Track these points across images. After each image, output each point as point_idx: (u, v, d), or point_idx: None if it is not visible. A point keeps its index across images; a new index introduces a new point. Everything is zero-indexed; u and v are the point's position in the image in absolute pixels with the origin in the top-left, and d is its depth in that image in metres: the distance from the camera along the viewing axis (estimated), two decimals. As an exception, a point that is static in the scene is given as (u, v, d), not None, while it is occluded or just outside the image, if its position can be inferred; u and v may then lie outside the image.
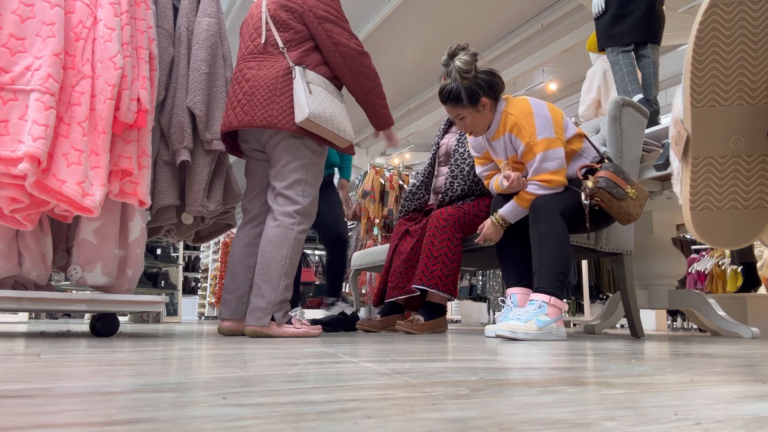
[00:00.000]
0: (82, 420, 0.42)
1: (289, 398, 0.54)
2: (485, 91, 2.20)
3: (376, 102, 2.20)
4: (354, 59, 2.12)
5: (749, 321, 3.34)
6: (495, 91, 2.23)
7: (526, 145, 2.14)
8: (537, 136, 2.13)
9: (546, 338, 1.92)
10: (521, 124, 2.16)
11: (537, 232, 2.10)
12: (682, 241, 6.17)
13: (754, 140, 1.83)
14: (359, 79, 2.14)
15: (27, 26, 1.59)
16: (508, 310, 2.16)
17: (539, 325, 1.91)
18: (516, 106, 2.21)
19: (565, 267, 2.04)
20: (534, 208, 2.15)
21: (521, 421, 0.44)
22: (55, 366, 0.82)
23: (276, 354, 1.14)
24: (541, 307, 1.96)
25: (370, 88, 2.16)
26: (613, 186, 2.08)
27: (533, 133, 2.14)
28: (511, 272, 2.28)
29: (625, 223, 2.17)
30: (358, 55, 2.12)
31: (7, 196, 1.56)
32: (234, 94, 2.11)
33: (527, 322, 1.91)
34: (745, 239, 1.91)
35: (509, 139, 2.22)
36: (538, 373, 0.80)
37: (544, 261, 2.04)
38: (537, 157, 2.13)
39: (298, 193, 2.07)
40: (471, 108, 2.21)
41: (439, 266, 2.55)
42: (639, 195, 2.14)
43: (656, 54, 3.26)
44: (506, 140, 2.24)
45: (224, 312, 2.18)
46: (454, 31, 7.78)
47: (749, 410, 0.52)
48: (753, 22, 1.72)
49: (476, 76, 2.19)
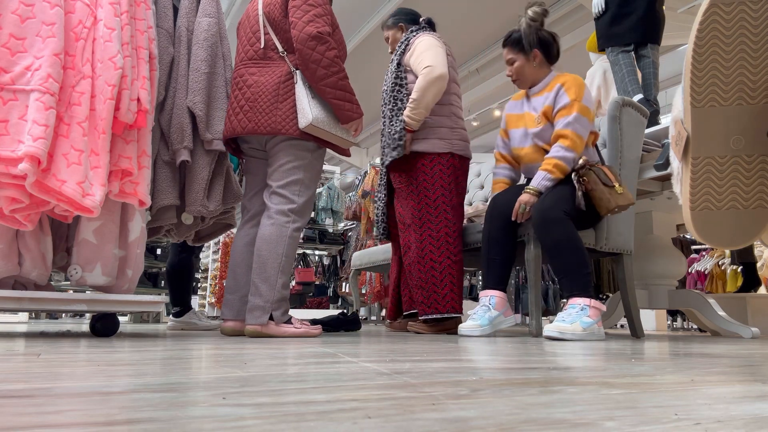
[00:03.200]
0: (82, 420, 0.42)
1: (289, 398, 0.54)
2: (541, 45, 2.42)
3: (333, 93, 2.00)
4: (303, 43, 1.95)
5: (749, 321, 3.34)
6: (549, 50, 2.44)
7: (572, 100, 2.30)
8: (583, 99, 2.31)
9: (589, 338, 2.00)
10: (576, 84, 2.34)
11: (551, 239, 2.14)
12: (682, 241, 6.17)
13: (754, 140, 1.83)
14: (309, 66, 1.97)
15: (27, 26, 1.59)
16: (485, 310, 2.23)
17: (583, 326, 1.99)
18: (573, 76, 2.40)
19: (589, 267, 2.13)
20: (540, 213, 2.17)
21: (521, 421, 0.44)
22: (55, 366, 0.82)
23: (276, 354, 1.14)
24: (584, 309, 2.04)
25: (321, 77, 1.98)
26: (603, 174, 2.20)
27: (581, 96, 2.32)
28: (496, 275, 2.33)
29: (603, 213, 2.21)
30: (309, 39, 1.95)
31: (7, 196, 1.56)
32: (236, 100, 2.11)
33: (572, 324, 1.98)
34: (745, 239, 1.91)
35: (556, 92, 2.36)
36: (538, 373, 0.80)
37: (570, 266, 2.11)
38: (573, 114, 2.28)
39: (293, 192, 2.08)
40: (523, 55, 2.43)
41: (432, 289, 2.56)
42: (625, 195, 2.19)
43: (656, 54, 3.25)
44: (551, 95, 2.38)
45: (227, 312, 2.17)
46: (453, 31, 7.77)
47: (749, 410, 0.52)
48: (753, 22, 1.72)
49: (539, 30, 2.42)
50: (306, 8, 2.01)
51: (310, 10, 2.01)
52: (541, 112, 2.38)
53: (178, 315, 3.08)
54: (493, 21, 7.50)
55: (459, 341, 1.81)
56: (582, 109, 2.29)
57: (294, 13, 2.02)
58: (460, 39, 7.97)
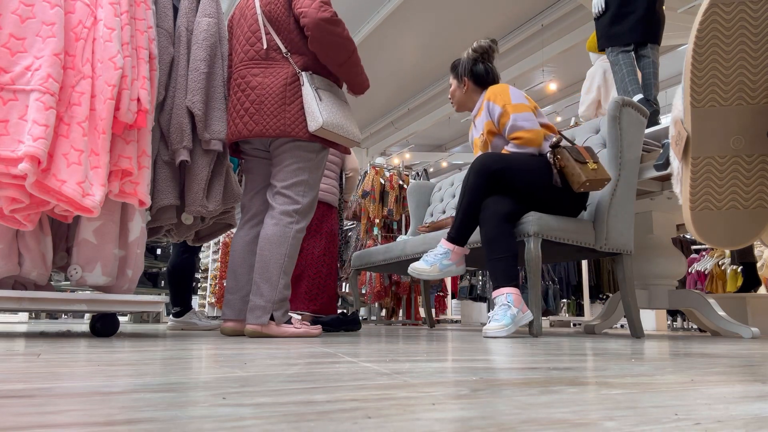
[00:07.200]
0: (82, 420, 0.42)
1: (289, 398, 0.54)
2: (472, 75, 2.57)
3: (351, 70, 2.10)
4: (320, 29, 1.97)
5: (749, 321, 3.34)
6: (479, 79, 2.57)
7: (502, 107, 2.37)
8: (512, 101, 2.39)
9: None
10: (497, 93, 2.43)
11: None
12: (682, 241, 6.17)
13: (754, 140, 1.83)
14: (329, 52, 2.02)
15: (27, 26, 1.59)
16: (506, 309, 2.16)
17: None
18: (493, 87, 2.49)
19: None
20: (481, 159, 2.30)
21: (521, 421, 0.44)
22: (55, 366, 0.82)
23: (276, 354, 1.14)
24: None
25: (343, 59, 2.05)
26: (576, 152, 2.26)
27: (508, 99, 2.39)
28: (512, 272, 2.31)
29: (576, 188, 2.24)
30: (324, 23, 1.96)
31: (7, 196, 1.56)
32: (239, 102, 2.10)
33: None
34: (745, 239, 1.91)
35: (487, 107, 2.45)
36: (538, 373, 0.80)
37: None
38: (511, 117, 2.34)
39: (298, 192, 2.08)
40: (457, 81, 2.63)
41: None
42: (599, 172, 2.24)
43: (656, 54, 3.25)
44: (485, 112, 2.48)
45: (228, 312, 2.17)
46: (453, 31, 7.77)
47: (749, 410, 0.52)
48: (753, 22, 1.72)
49: (476, 62, 2.57)
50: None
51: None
52: (485, 131, 2.48)
53: (178, 315, 3.08)
54: (493, 21, 7.50)
55: (459, 341, 1.81)
56: (516, 108, 2.35)
57: (302, 3, 2.01)
58: (459, 39, 7.97)
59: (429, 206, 4.22)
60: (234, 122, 2.11)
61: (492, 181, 2.26)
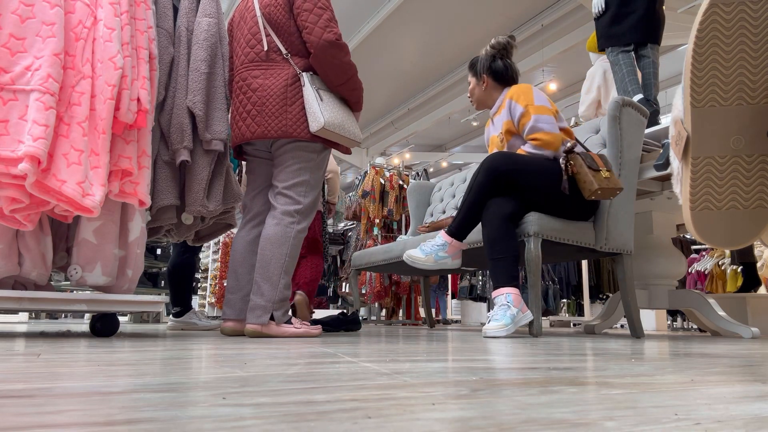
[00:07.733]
0: (82, 420, 0.42)
1: (289, 398, 0.54)
2: (491, 72, 2.54)
3: (347, 93, 2.11)
4: (323, 51, 2.00)
5: (749, 321, 3.34)
6: (500, 76, 2.54)
7: (525, 107, 2.36)
8: (534, 102, 2.37)
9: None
10: (521, 92, 2.41)
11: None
12: (682, 241, 6.17)
13: (754, 140, 1.83)
14: (329, 73, 2.04)
15: (27, 26, 1.59)
16: (506, 309, 2.15)
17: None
18: (518, 86, 2.47)
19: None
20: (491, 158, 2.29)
21: (521, 421, 0.44)
22: (55, 366, 0.82)
23: (276, 354, 1.14)
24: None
25: (341, 81, 2.07)
26: (590, 159, 2.24)
27: (531, 100, 2.38)
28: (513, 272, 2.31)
29: (587, 196, 2.23)
30: (328, 47, 1.99)
31: (7, 196, 1.56)
32: (241, 105, 2.10)
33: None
34: (745, 239, 1.91)
35: (509, 106, 2.43)
36: (538, 373, 0.80)
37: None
38: (532, 117, 2.33)
39: (299, 193, 2.08)
40: (475, 78, 2.60)
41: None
42: (611, 181, 2.22)
43: (656, 54, 3.25)
44: (506, 111, 2.45)
45: (228, 312, 2.17)
46: (453, 31, 7.77)
47: (749, 410, 0.52)
48: (753, 22, 1.72)
49: (494, 58, 2.55)
50: (318, 12, 2.01)
51: (322, 14, 2.01)
52: (504, 130, 2.46)
53: (178, 315, 3.08)
54: (493, 21, 7.50)
55: (459, 341, 1.81)
56: (538, 109, 2.34)
57: (307, 17, 2.01)
58: (459, 40, 7.97)
59: (429, 206, 4.22)
60: (237, 125, 2.12)
61: (499, 181, 2.25)
